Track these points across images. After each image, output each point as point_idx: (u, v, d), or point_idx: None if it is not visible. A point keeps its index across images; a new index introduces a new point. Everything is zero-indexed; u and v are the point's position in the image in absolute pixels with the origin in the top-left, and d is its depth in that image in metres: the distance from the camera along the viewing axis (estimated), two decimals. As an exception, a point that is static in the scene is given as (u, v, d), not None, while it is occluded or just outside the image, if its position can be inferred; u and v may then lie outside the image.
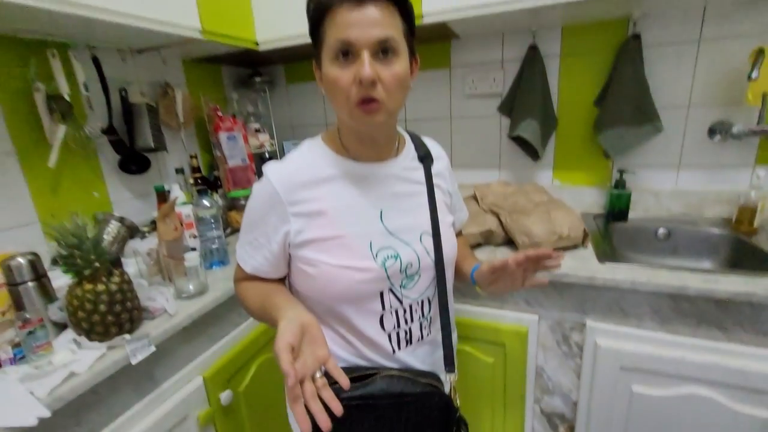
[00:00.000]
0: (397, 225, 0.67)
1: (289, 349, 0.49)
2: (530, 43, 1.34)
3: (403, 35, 0.59)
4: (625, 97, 1.23)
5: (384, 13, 0.56)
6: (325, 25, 0.57)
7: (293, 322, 0.54)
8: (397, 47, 0.57)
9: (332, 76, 0.58)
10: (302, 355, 0.52)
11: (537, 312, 1.09)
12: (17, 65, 1.01)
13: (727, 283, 0.87)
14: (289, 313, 0.57)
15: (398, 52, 0.58)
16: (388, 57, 0.57)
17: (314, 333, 0.54)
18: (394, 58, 0.57)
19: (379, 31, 0.55)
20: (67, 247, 0.73)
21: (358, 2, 0.54)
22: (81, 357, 0.73)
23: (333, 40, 0.56)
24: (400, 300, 0.67)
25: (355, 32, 0.54)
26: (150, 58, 1.35)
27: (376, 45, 0.55)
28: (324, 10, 0.57)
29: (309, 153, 0.68)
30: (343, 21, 0.55)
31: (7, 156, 1.01)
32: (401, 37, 0.58)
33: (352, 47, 0.55)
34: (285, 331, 0.52)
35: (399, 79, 0.58)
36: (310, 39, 0.62)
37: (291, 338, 0.51)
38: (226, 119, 1.48)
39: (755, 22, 1.13)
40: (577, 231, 1.08)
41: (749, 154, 1.23)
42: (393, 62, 0.57)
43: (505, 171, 1.54)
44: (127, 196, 1.32)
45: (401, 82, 0.59)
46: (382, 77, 0.57)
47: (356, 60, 0.56)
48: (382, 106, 0.58)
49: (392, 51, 0.57)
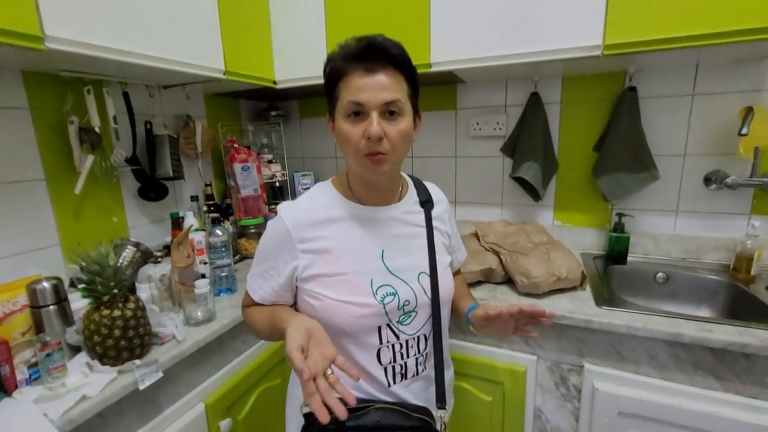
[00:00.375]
0: (397, 264, 0.73)
1: (299, 349, 0.55)
2: (532, 90, 1.42)
3: (407, 97, 0.67)
4: (623, 145, 1.29)
5: (391, 80, 0.63)
6: (339, 86, 0.65)
7: (299, 327, 0.59)
8: (402, 108, 0.65)
9: (344, 130, 0.65)
10: (311, 355, 0.57)
11: (535, 352, 1.10)
12: (55, 100, 1.10)
13: (722, 333, 0.89)
14: (294, 321, 0.62)
15: (403, 112, 0.65)
16: (393, 116, 0.65)
17: (319, 335, 0.60)
18: (399, 117, 0.65)
19: (386, 95, 0.63)
20: (89, 273, 0.78)
21: (368, 70, 0.62)
22: (92, 380, 0.76)
23: (346, 100, 0.64)
24: (397, 335, 0.72)
25: (365, 95, 0.62)
26: (175, 93, 1.45)
27: (384, 106, 0.63)
28: (339, 74, 0.65)
29: (319, 195, 0.75)
30: (356, 85, 0.63)
31: (38, 182, 1.08)
32: (406, 99, 0.66)
33: (363, 108, 0.63)
34: (293, 334, 0.58)
35: (403, 135, 0.65)
36: (326, 95, 0.70)
37: (300, 340, 0.56)
38: (242, 151, 1.56)
39: (745, 80, 1.20)
40: (576, 273, 1.11)
41: (745, 204, 1.27)
42: (398, 121, 0.65)
43: (507, 209, 1.58)
44: (143, 221, 1.38)
45: (405, 138, 0.66)
46: (388, 133, 0.64)
47: (366, 118, 0.63)
48: (388, 157, 0.65)
49: (398, 111, 0.65)
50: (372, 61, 0.63)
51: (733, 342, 0.87)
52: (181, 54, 1.11)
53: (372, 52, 0.63)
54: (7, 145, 1.01)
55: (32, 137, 1.06)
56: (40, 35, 0.80)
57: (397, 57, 0.64)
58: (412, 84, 0.68)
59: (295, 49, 1.43)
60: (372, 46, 0.63)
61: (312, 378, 0.52)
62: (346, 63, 0.64)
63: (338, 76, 0.65)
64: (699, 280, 1.24)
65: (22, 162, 1.05)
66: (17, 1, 0.76)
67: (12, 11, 0.75)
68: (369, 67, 0.62)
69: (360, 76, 0.63)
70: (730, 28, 0.94)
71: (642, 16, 1.00)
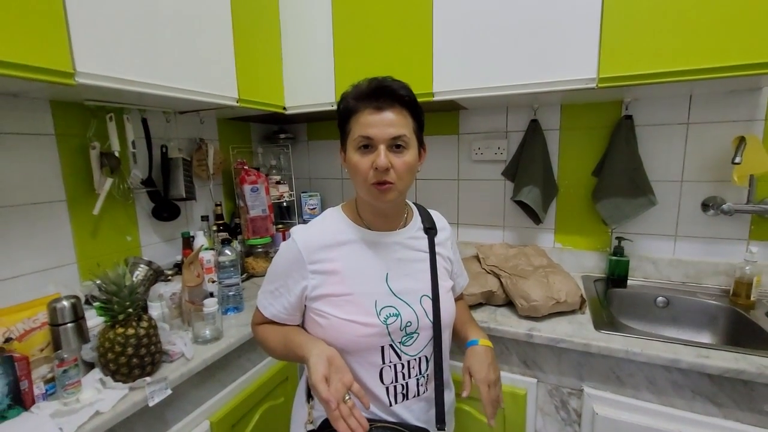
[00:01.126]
0: (400, 287, 0.77)
1: (324, 380, 0.62)
2: (532, 117, 1.47)
3: (413, 131, 0.73)
4: (621, 171, 1.33)
5: (398, 116, 0.70)
6: (351, 122, 0.72)
7: (321, 357, 0.65)
8: (408, 142, 0.71)
9: (354, 161, 0.71)
10: (332, 382, 0.63)
11: (535, 375, 1.11)
12: (79, 127, 1.17)
13: (718, 359, 0.90)
14: (315, 350, 0.68)
15: (408, 146, 0.71)
16: (400, 149, 0.70)
17: (339, 363, 0.66)
18: (404, 150, 0.71)
19: (393, 131, 0.69)
20: (107, 293, 0.82)
21: (378, 108, 0.69)
22: (105, 396, 0.79)
23: (357, 135, 0.70)
24: (399, 356, 0.75)
25: (374, 131, 0.69)
26: (190, 118, 1.52)
27: (391, 140, 0.69)
28: (351, 111, 0.72)
29: (330, 220, 0.81)
30: (366, 121, 0.69)
31: (59, 203, 1.14)
32: (411, 134, 0.72)
33: (372, 141, 0.69)
34: (317, 366, 0.64)
35: (408, 166, 0.71)
36: (339, 129, 0.76)
37: (324, 371, 0.63)
38: (251, 172, 1.62)
39: (738, 110, 1.24)
40: (575, 297, 1.13)
41: (743, 229, 1.29)
42: (404, 153, 0.71)
43: (509, 231, 1.61)
44: (155, 240, 1.43)
45: (410, 169, 0.72)
46: (394, 164, 0.70)
47: (374, 151, 0.69)
48: (394, 186, 0.71)
49: (403, 145, 0.71)
50: (381, 100, 0.69)
51: (730, 368, 0.88)
52: (198, 84, 1.18)
53: (381, 92, 0.69)
54: (33, 168, 1.08)
55: (56, 161, 1.13)
56: (72, 71, 0.87)
57: (403, 97, 0.71)
58: (417, 120, 0.74)
59: (305, 77, 1.51)
60: (381, 87, 0.70)
61: (337, 406, 0.59)
62: (358, 102, 0.71)
63: (350, 113, 0.72)
64: (699, 305, 1.25)
65: (46, 184, 1.11)
66: (53, 40, 0.83)
67: (47, 50, 0.82)
68: (378, 106, 0.69)
69: (370, 113, 0.69)
70: (720, 64, 0.98)
71: (635, 50, 1.05)
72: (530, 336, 1.06)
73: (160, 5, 1.06)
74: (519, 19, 1.16)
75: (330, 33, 1.43)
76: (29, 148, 1.07)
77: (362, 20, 1.38)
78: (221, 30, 1.26)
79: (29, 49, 0.79)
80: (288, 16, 1.51)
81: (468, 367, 0.80)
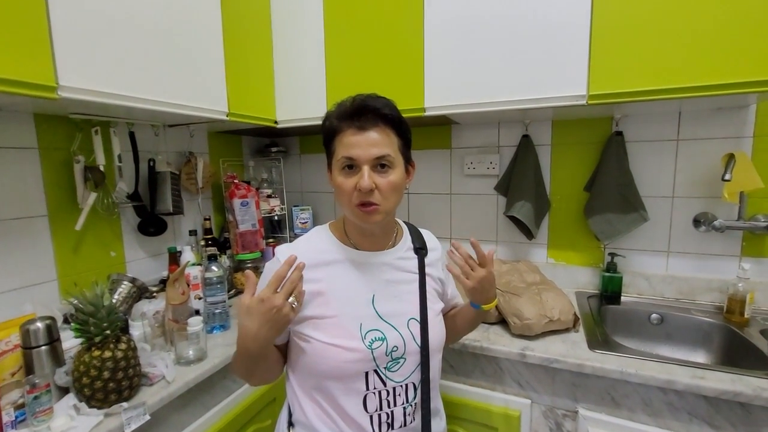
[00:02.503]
0: (387, 309, 0.74)
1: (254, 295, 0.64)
2: (523, 133, 1.47)
3: (398, 150, 0.71)
4: (612, 186, 1.33)
5: (382, 135, 0.68)
6: (335, 143, 0.70)
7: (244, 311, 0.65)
8: (393, 161, 0.69)
9: (338, 182, 0.69)
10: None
11: (529, 396, 1.08)
12: (63, 140, 1.14)
13: (714, 380, 0.88)
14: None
15: (393, 165, 0.69)
16: (384, 169, 0.69)
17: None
18: (389, 170, 0.69)
19: (377, 151, 0.67)
20: (83, 314, 0.79)
21: (360, 128, 0.67)
22: (78, 424, 0.75)
23: (340, 155, 0.68)
24: (384, 382, 0.71)
25: (357, 151, 0.67)
26: (179, 132, 1.50)
27: (374, 161, 0.67)
28: (335, 131, 0.70)
29: (316, 238, 0.78)
30: (349, 142, 0.67)
31: (40, 218, 1.11)
32: (396, 152, 0.70)
33: (355, 162, 0.67)
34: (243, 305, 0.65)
35: (393, 186, 0.69)
36: (324, 149, 0.74)
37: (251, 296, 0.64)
38: (242, 186, 1.59)
39: (726, 127, 1.25)
40: (568, 315, 1.11)
41: (734, 246, 1.28)
42: (389, 173, 0.69)
43: (502, 246, 1.60)
44: (141, 255, 1.40)
45: (395, 188, 0.70)
46: (379, 185, 0.68)
47: (358, 171, 0.67)
48: (379, 208, 0.69)
49: (388, 164, 0.69)
50: (363, 119, 0.67)
51: (726, 390, 0.86)
52: (187, 98, 1.17)
53: (364, 111, 0.68)
54: (13, 183, 1.05)
55: (39, 175, 1.10)
56: (54, 85, 0.85)
57: (387, 115, 0.69)
58: (402, 137, 0.72)
59: (297, 91, 1.50)
60: (363, 106, 0.68)
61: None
62: (341, 121, 0.69)
63: (333, 133, 0.70)
64: (693, 322, 1.24)
65: (27, 199, 1.08)
66: (35, 53, 0.81)
67: (29, 63, 0.80)
68: (361, 125, 0.67)
69: (353, 133, 0.68)
70: (709, 82, 0.99)
71: (624, 68, 1.06)
72: (523, 356, 1.04)
73: (148, 19, 1.05)
74: (510, 36, 1.17)
75: (322, 47, 1.43)
76: (11, 162, 1.04)
77: (354, 35, 1.38)
78: (212, 43, 1.25)
79: (10, 62, 0.78)
80: (280, 30, 1.51)
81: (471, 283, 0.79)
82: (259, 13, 1.47)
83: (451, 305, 0.91)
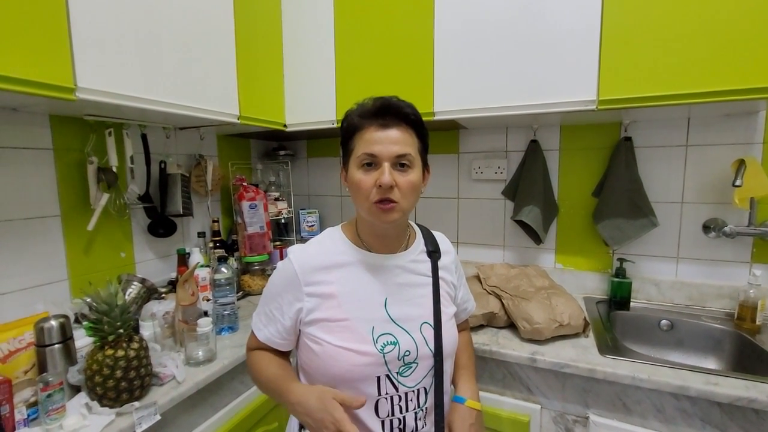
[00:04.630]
0: (399, 313, 0.73)
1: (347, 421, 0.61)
2: (531, 137, 1.48)
3: (418, 151, 0.71)
4: (621, 192, 1.32)
5: (404, 135, 0.69)
6: (355, 139, 0.71)
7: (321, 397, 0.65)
8: (412, 161, 0.70)
9: (357, 179, 0.69)
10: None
11: (539, 401, 1.08)
12: (77, 141, 1.16)
13: (728, 386, 0.88)
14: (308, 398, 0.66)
15: (413, 165, 0.70)
16: (404, 168, 0.69)
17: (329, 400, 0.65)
18: (409, 169, 0.69)
19: (398, 148, 0.68)
20: (97, 313, 0.79)
21: (383, 125, 0.68)
22: (90, 423, 0.75)
23: (361, 152, 0.69)
24: (396, 387, 0.71)
25: (378, 148, 0.67)
26: (189, 134, 1.52)
27: (395, 158, 0.68)
28: (356, 129, 0.70)
29: (329, 240, 0.78)
30: (371, 138, 0.68)
31: (53, 219, 1.12)
32: (416, 153, 0.71)
33: (376, 159, 0.68)
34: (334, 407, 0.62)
35: (412, 186, 0.70)
36: (341, 148, 0.75)
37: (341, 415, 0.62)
38: (250, 189, 1.60)
39: (736, 133, 1.25)
40: (578, 320, 1.10)
41: (745, 252, 1.28)
42: (408, 172, 0.69)
43: (509, 251, 1.60)
44: (150, 256, 1.41)
45: (414, 188, 0.70)
46: (399, 183, 0.68)
47: (378, 168, 0.68)
48: (397, 206, 0.69)
49: (408, 164, 0.69)
50: (387, 118, 0.68)
51: (741, 397, 0.85)
52: (199, 101, 1.18)
53: (387, 110, 0.69)
54: (29, 183, 1.06)
55: (53, 176, 1.11)
56: (73, 86, 0.86)
57: (409, 115, 0.70)
58: (422, 140, 0.73)
59: (306, 95, 1.52)
60: (387, 105, 0.69)
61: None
62: (363, 119, 0.70)
63: (354, 130, 0.71)
64: (704, 328, 1.23)
65: (41, 199, 1.09)
66: (55, 55, 0.83)
67: (49, 64, 0.82)
68: (383, 123, 0.68)
69: (375, 130, 0.68)
70: (718, 88, 0.99)
71: (634, 73, 1.06)
72: (533, 360, 1.03)
73: (163, 23, 1.07)
74: (520, 41, 1.18)
75: (332, 52, 1.45)
76: (26, 163, 1.06)
77: (364, 39, 1.39)
78: (224, 48, 1.27)
79: (31, 64, 0.79)
80: (290, 35, 1.53)
81: (450, 423, 0.75)
82: (270, 18, 1.49)
83: (462, 309, 0.90)
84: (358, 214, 0.77)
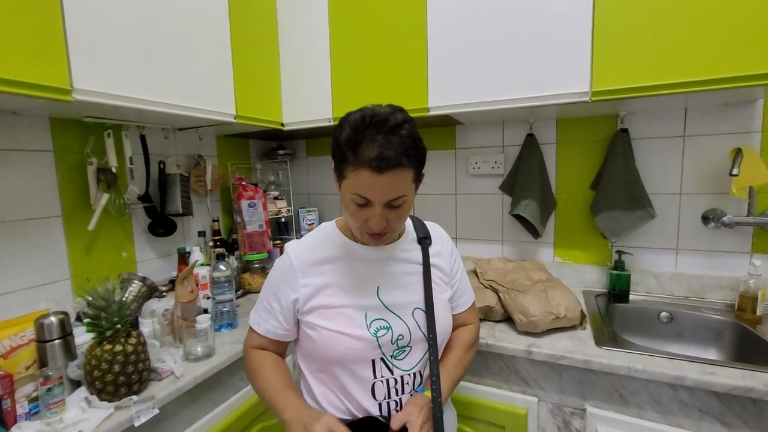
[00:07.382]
0: (392, 300, 0.76)
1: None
2: (528, 132, 1.47)
3: (412, 181, 0.68)
4: (618, 184, 1.32)
5: (399, 177, 0.64)
6: (347, 172, 0.66)
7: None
8: (406, 198, 0.68)
9: (350, 210, 0.69)
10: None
11: (536, 393, 1.08)
12: (77, 143, 1.18)
13: (725, 376, 0.87)
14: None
15: (406, 200, 0.68)
16: (397, 206, 0.68)
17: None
18: (402, 205, 0.68)
19: (391, 193, 0.65)
20: (95, 308, 0.81)
21: (379, 170, 0.62)
22: (89, 416, 0.77)
23: (354, 190, 0.66)
24: (392, 370, 0.74)
25: (371, 193, 0.65)
26: (188, 135, 1.54)
27: (388, 200, 0.66)
28: (349, 164, 0.65)
29: (324, 235, 0.81)
30: (364, 181, 0.64)
31: (55, 219, 1.14)
32: (410, 186, 0.68)
33: (368, 201, 0.66)
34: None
35: (403, 216, 0.71)
36: (332, 159, 0.70)
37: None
38: (249, 188, 1.62)
39: (734, 122, 1.24)
40: (574, 312, 1.10)
41: (745, 242, 1.26)
42: (401, 207, 0.69)
43: (508, 246, 1.60)
44: (151, 255, 1.43)
45: (404, 217, 0.72)
46: (389, 219, 0.69)
47: (371, 207, 0.67)
48: (387, 235, 0.71)
49: (401, 203, 0.68)
50: (382, 164, 0.62)
51: (737, 386, 0.85)
52: (196, 101, 1.20)
53: (382, 158, 0.62)
54: (30, 184, 1.08)
55: (54, 177, 1.14)
56: (69, 88, 0.88)
57: (410, 159, 0.65)
58: (419, 166, 0.68)
59: (303, 94, 1.53)
60: (384, 157, 0.61)
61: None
62: (357, 159, 0.63)
63: (346, 163, 0.65)
64: (704, 320, 1.22)
65: (42, 200, 1.11)
66: (51, 57, 0.85)
67: (45, 67, 0.84)
68: (378, 167, 0.62)
69: (370, 173, 0.63)
70: (714, 76, 0.98)
71: (627, 63, 1.06)
72: (530, 352, 1.03)
73: (158, 23, 1.08)
74: (512, 33, 1.18)
75: (327, 50, 1.46)
76: (27, 165, 1.08)
77: (358, 37, 1.40)
78: (220, 47, 1.29)
79: (27, 66, 0.81)
80: (286, 34, 1.54)
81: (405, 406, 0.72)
82: (265, 17, 1.50)
83: (457, 297, 0.88)
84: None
